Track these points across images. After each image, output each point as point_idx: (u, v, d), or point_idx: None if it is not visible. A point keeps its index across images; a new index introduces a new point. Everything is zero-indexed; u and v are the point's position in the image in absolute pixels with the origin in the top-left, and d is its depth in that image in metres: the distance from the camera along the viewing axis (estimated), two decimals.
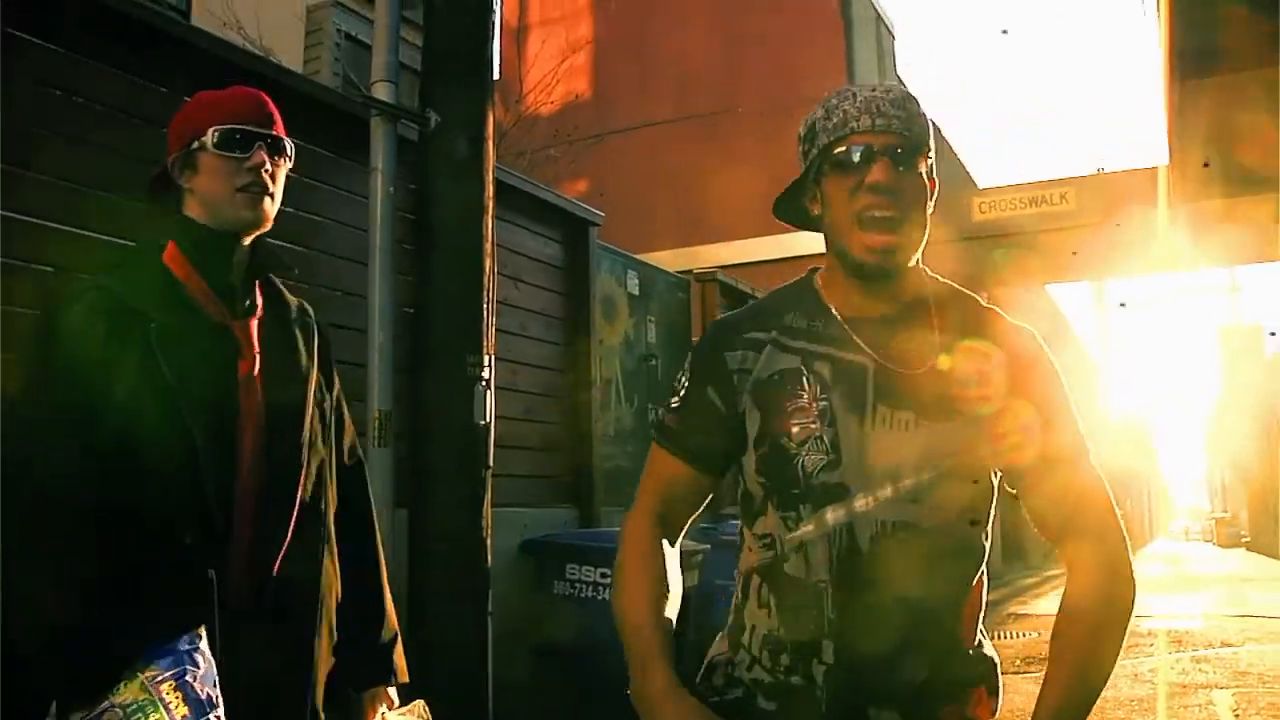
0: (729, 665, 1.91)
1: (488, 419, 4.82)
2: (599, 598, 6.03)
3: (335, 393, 2.38)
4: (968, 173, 22.54)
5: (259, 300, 2.22)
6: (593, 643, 6.02)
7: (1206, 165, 11.93)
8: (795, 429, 1.79)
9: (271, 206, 2.18)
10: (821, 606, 1.75)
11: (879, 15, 17.06)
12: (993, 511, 1.86)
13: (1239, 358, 55.87)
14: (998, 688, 1.91)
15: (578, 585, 6.11)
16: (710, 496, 2.00)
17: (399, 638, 2.48)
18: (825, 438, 1.77)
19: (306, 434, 2.20)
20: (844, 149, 1.78)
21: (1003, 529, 24.45)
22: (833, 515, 1.75)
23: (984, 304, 1.96)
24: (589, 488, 7.35)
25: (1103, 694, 1.78)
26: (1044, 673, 1.79)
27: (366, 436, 4.87)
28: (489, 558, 4.88)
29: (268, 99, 2.25)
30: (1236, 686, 8.38)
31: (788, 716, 1.80)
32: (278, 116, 2.23)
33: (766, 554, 1.84)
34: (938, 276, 1.95)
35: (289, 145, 2.23)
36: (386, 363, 4.87)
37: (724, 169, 15.35)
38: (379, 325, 4.89)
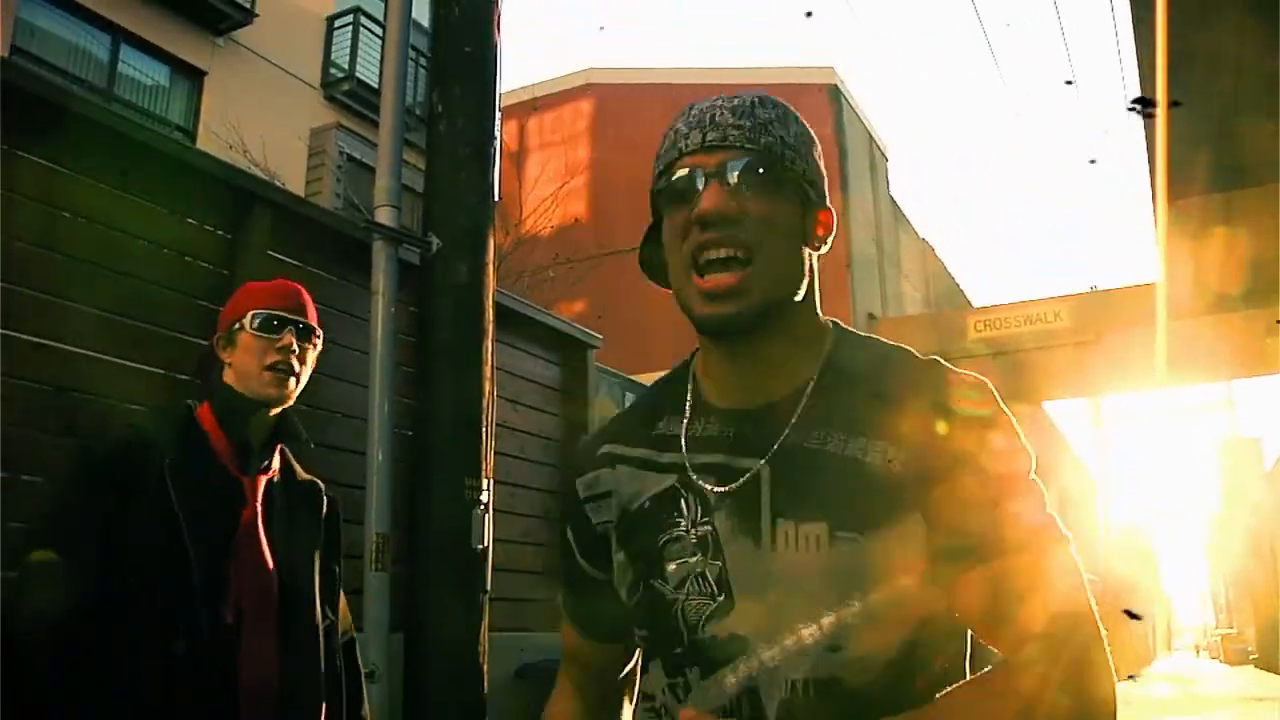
0: None
1: (486, 543, 4.79)
2: None
3: (339, 566, 2.60)
4: (963, 292, 22.74)
5: (275, 464, 2.47)
6: None
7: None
8: (672, 567, 1.36)
9: (296, 385, 2.44)
10: None
11: (872, 138, 17.33)
12: (962, 643, 1.36)
13: (1238, 471, 55.68)
14: None
15: None
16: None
17: None
18: (709, 574, 1.33)
19: (312, 588, 2.43)
20: (672, 176, 1.35)
21: None
22: (732, 679, 1.29)
23: (901, 348, 1.44)
24: None
25: None
26: None
27: (364, 560, 4.83)
28: (485, 683, 4.81)
29: (304, 292, 2.53)
30: None
31: None
32: (311, 306, 2.52)
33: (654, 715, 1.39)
34: (843, 328, 1.47)
35: (318, 331, 2.51)
36: (385, 485, 4.85)
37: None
38: (378, 447, 4.88)
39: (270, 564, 2.33)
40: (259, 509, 2.36)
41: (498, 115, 5.26)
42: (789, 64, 16.30)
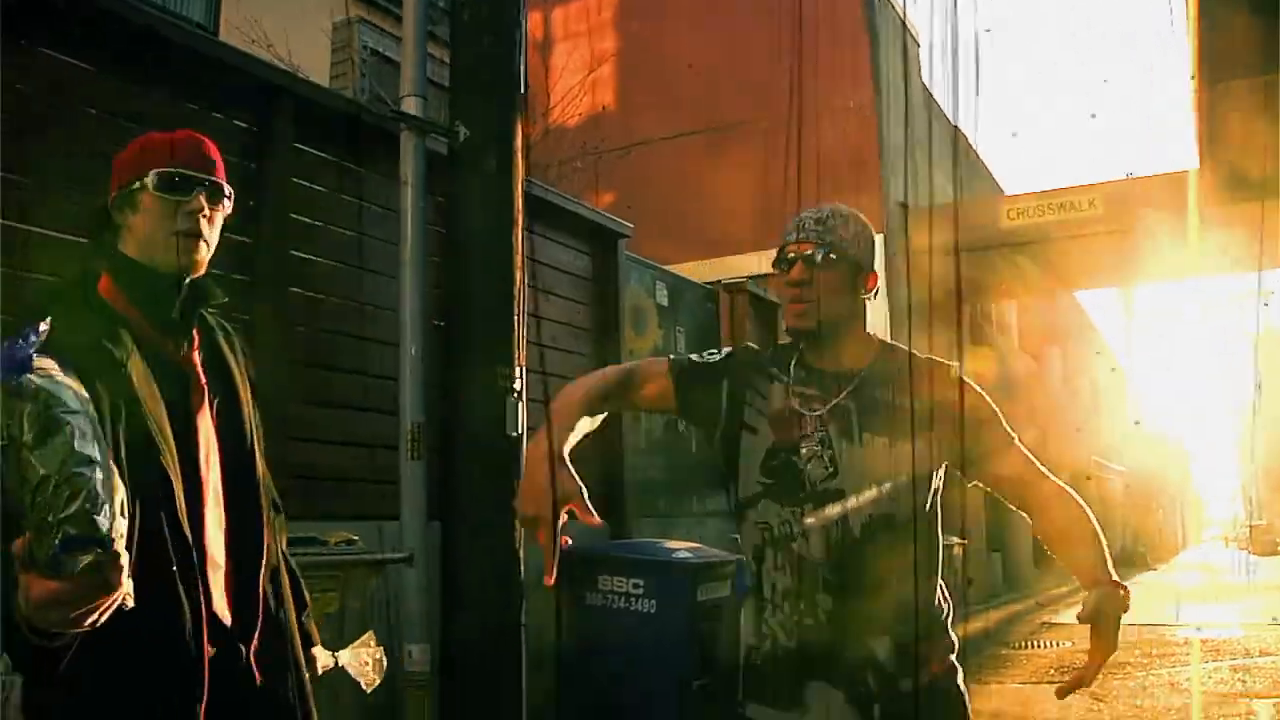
0: (759, 623, 2.44)
1: (519, 431, 4.83)
2: (631, 608, 6.02)
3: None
4: (995, 180, 22.46)
5: (195, 334, 2.23)
6: (624, 652, 6.02)
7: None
8: (804, 450, 2.40)
9: (205, 252, 2.19)
10: (819, 574, 2.34)
11: (904, 24, 17.01)
12: (936, 501, 2.48)
13: (1272, 364, 55.32)
14: (948, 631, 2.49)
15: (610, 596, 6.11)
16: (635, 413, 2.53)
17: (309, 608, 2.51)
18: (824, 456, 2.39)
19: (259, 464, 2.29)
20: (782, 251, 2.50)
21: (1034, 541, 24.32)
22: (834, 510, 2.35)
23: (919, 356, 2.53)
24: (620, 499, 7.35)
25: (1141, 703, 1.97)
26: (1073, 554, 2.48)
27: (399, 449, 4.89)
28: (522, 569, 4.88)
29: (211, 144, 2.26)
30: (1278, 696, 8.29)
31: (804, 649, 2.35)
32: (220, 162, 2.25)
33: (767, 534, 2.41)
34: (888, 343, 2.61)
35: (228, 191, 2.24)
36: (418, 376, 4.89)
37: (751, 179, 15.34)
38: (410, 338, 4.91)
39: (215, 438, 2.18)
40: (204, 390, 2.19)
41: (522, 2, 5.18)
42: None
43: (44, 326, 1.45)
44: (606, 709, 6.05)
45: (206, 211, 2.17)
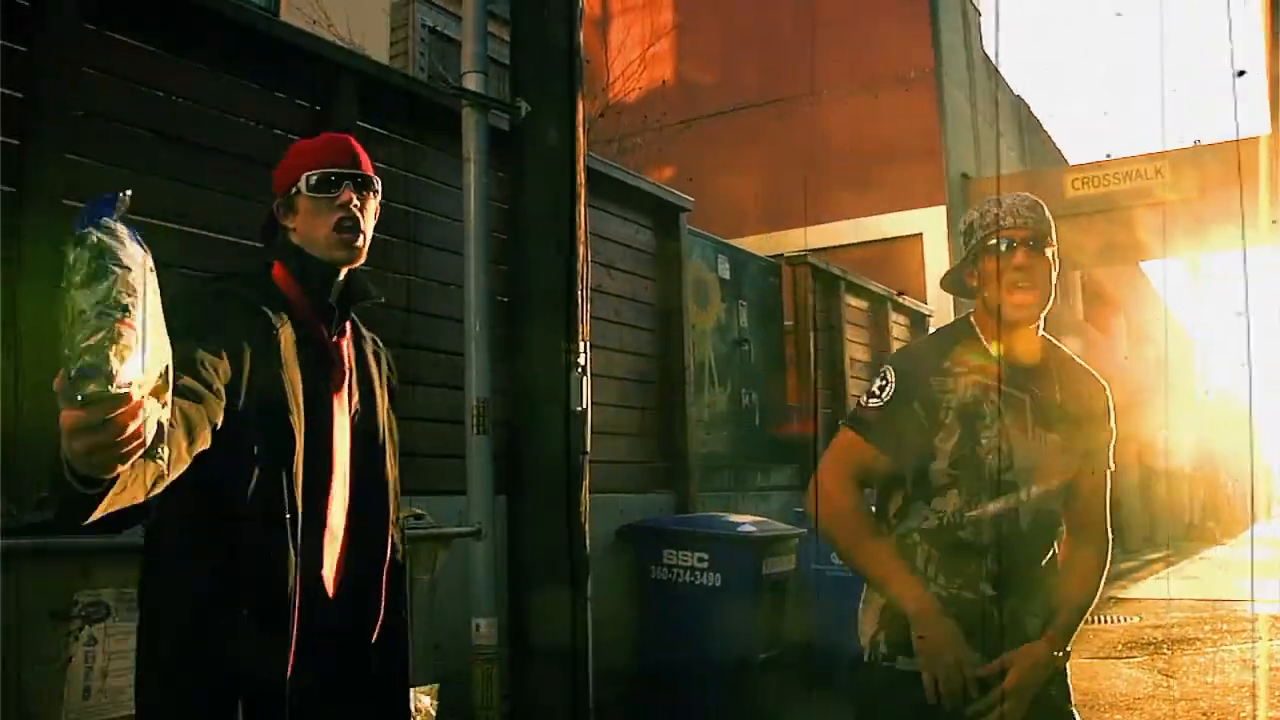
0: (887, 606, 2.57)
1: (584, 405, 4.84)
2: (696, 582, 6.04)
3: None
4: (1059, 149, 22.17)
5: (347, 327, 2.45)
6: (689, 626, 6.04)
7: None
8: (984, 441, 2.48)
9: (363, 242, 2.39)
10: (985, 562, 2.50)
11: None
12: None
13: None
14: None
15: (675, 570, 6.13)
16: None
17: None
18: (1002, 447, 2.47)
19: (386, 448, 2.49)
20: (990, 240, 2.53)
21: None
22: (1008, 502, 2.48)
23: (1083, 364, 2.72)
24: (684, 473, 7.36)
25: (1212, 679, 2.08)
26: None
27: (465, 424, 4.92)
28: (587, 543, 4.91)
29: (355, 142, 2.48)
30: None
31: (961, 616, 2.46)
32: (364, 156, 2.45)
33: (940, 520, 2.53)
34: (1048, 337, 2.67)
35: (376, 181, 2.44)
36: (484, 351, 4.92)
37: (811, 151, 15.24)
38: (475, 314, 4.94)
39: (349, 427, 2.38)
40: (349, 373, 2.40)
41: None
42: None
43: (124, 195, 1.57)
44: (674, 681, 6.08)
45: (357, 202, 2.36)
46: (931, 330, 3.07)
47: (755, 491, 8.66)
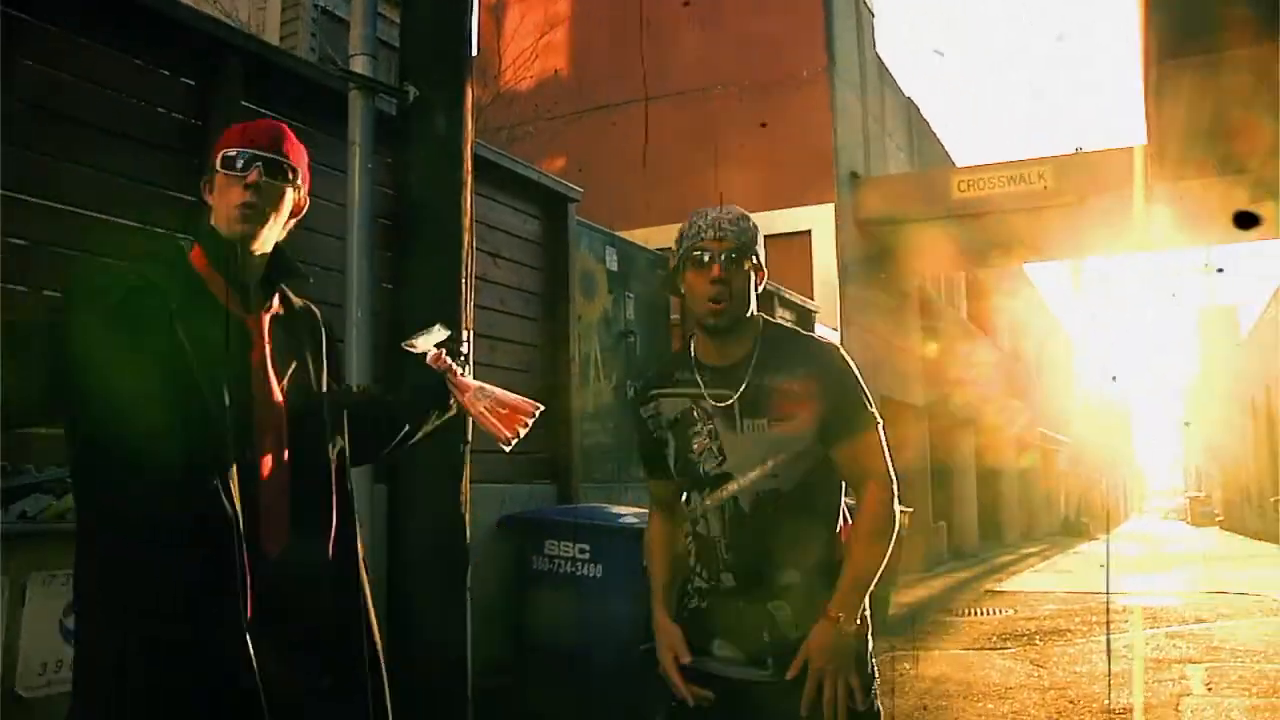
0: (686, 583, 2.83)
1: None
2: (577, 573, 6.05)
3: (338, 384, 2.70)
4: (946, 152, 22.58)
5: (274, 302, 2.49)
6: (571, 616, 6.04)
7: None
8: (696, 446, 2.71)
9: (266, 226, 2.41)
10: (718, 551, 2.69)
11: None
12: (830, 469, 2.71)
13: (1215, 338, 56.16)
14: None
15: (556, 561, 6.13)
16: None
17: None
18: (713, 447, 2.69)
19: (325, 416, 2.51)
20: (695, 251, 2.67)
21: (980, 510, 24.66)
22: (725, 491, 2.66)
23: (801, 333, 2.88)
24: (567, 464, 7.35)
25: (1080, 669, 2.00)
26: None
27: None
28: (468, 534, 4.88)
29: (287, 131, 2.51)
30: (1210, 661, 8.47)
31: (715, 608, 2.71)
32: (293, 144, 2.49)
33: (690, 520, 2.78)
34: (769, 319, 2.82)
35: (296, 169, 2.47)
36: (365, 339, 4.86)
37: (703, 146, 15.32)
38: (357, 301, 4.87)
39: (280, 400, 2.40)
40: (267, 348, 2.41)
41: None
42: None
43: None
44: (555, 671, 6.07)
45: (263, 186, 2.38)
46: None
47: (638, 483, 8.67)
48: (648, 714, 6.09)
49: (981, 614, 12.24)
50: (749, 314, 2.73)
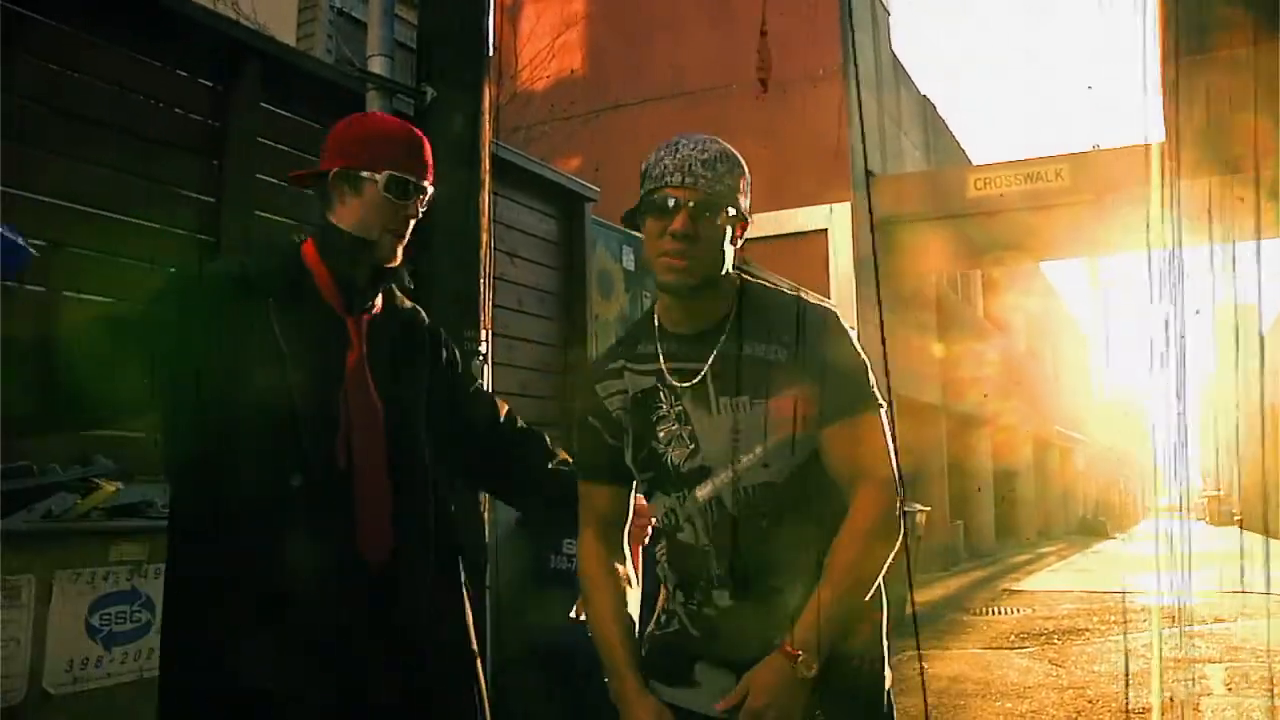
0: (666, 603, 2.27)
1: None
2: None
3: (461, 386, 2.71)
4: (962, 149, 22.52)
5: (378, 303, 2.47)
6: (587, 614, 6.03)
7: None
8: (661, 433, 2.16)
9: (402, 243, 2.43)
10: (708, 565, 2.14)
11: None
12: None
13: (1233, 336, 55.82)
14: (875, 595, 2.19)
15: (574, 560, 6.12)
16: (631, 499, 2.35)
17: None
18: (684, 435, 2.14)
19: (420, 420, 2.45)
20: (655, 195, 2.12)
21: (996, 508, 24.58)
22: (702, 492, 2.12)
23: (788, 293, 2.25)
24: None
25: (1099, 668, 1.92)
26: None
27: None
28: (485, 532, 4.89)
29: (429, 146, 2.49)
30: (1230, 661, 8.44)
31: (711, 638, 2.14)
32: (430, 163, 2.47)
33: (662, 531, 2.24)
34: (748, 276, 2.26)
35: (430, 191, 2.47)
36: None
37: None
38: None
39: (378, 405, 2.35)
40: (364, 350, 2.37)
41: None
42: None
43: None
44: (572, 668, 6.08)
45: (418, 214, 2.44)
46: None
47: None
48: None
49: (999, 613, 12.22)
50: (724, 271, 2.15)
